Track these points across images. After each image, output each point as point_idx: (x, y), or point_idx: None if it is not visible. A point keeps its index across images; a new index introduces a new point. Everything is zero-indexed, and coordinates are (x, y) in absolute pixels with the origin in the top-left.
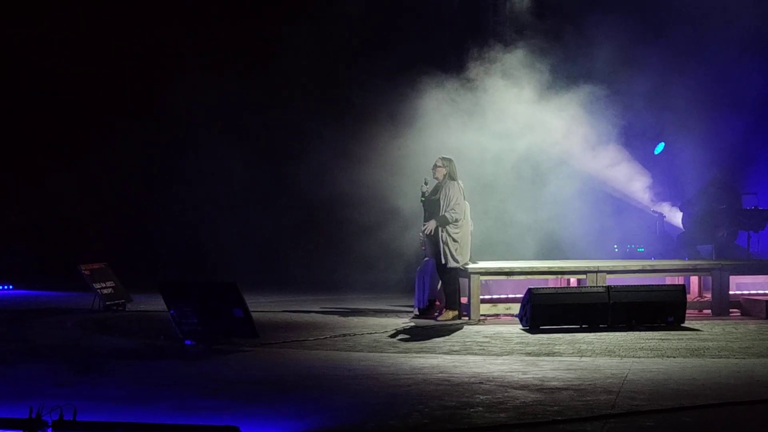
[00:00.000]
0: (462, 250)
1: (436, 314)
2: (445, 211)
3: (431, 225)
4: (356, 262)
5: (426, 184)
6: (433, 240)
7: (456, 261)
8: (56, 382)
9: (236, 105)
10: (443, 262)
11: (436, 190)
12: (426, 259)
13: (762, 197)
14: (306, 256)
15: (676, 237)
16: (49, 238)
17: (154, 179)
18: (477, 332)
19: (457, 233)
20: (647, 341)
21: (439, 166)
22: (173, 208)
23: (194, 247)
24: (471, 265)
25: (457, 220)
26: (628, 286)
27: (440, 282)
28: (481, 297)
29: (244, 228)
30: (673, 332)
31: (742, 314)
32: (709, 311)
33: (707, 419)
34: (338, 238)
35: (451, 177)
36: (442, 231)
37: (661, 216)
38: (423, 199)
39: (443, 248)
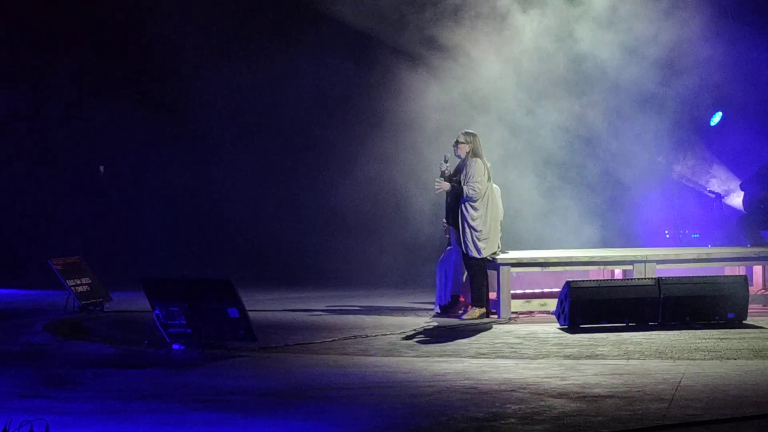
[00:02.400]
0: (486, 237)
1: (461, 312)
2: (465, 184)
3: (444, 185)
4: (365, 251)
5: (446, 161)
6: (457, 226)
7: (478, 251)
8: (25, 395)
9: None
10: (464, 252)
11: (458, 170)
12: (449, 248)
13: None
14: (312, 247)
15: (736, 220)
16: (12, 227)
17: (131, 159)
18: (508, 332)
19: (476, 218)
20: (704, 341)
21: (462, 143)
22: (156, 194)
23: (182, 239)
24: (500, 255)
25: (474, 199)
26: (682, 277)
27: (465, 275)
28: (513, 292)
29: (239, 216)
30: (733, 330)
31: None
32: None
33: None
34: (348, 223)
35: (475, 154)
36: (461, 216)
37: (719, 196)
38: (441, 179)
39: (462, 236)
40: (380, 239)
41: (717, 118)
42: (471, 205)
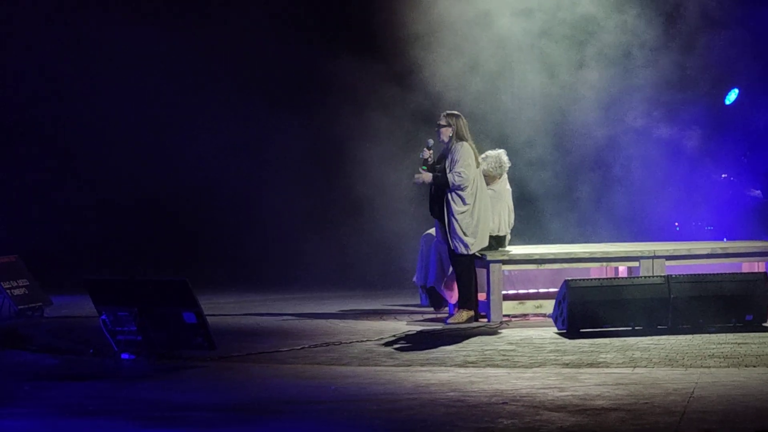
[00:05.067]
0: (474, 231)
1: (446, 316)
2: (449, 172)
3: (425, 176)
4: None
5: (429, 148)
6: (443, 218)
7: (466, 246)
8: None
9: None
10: (450, 248)
11: (443, 156)
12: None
13: None
14: (278, 244)
15: (754, 210)
16: None
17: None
18: (499, 338)
19: (463, 210)
20: (719, 346)
21: (444, 126)
22: (98, 184)
23: (129, 235)
24: (491, 252)
25: (461, 186)
26: (694, 275)
27: (450, 271)
28: (504, 293)
29: (200, 211)
30: (752, 334)
31: None
32: None
33: None
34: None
35: (459, 137)
36: (446, 207)
37: (736, 183)
38: (425, 168)
39: (447, 230)
40: (355, 235)
41: (733, 95)
42: (458, 195)
